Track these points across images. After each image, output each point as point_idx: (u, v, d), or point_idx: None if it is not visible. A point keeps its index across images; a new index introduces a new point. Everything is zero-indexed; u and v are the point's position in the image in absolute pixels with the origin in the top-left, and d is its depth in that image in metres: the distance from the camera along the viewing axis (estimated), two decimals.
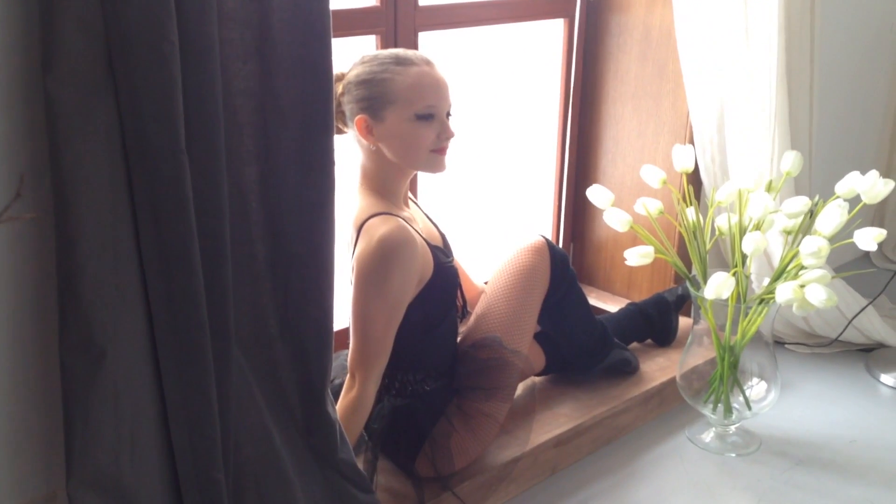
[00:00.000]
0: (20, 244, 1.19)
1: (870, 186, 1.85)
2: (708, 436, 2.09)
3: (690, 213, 2.04)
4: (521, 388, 2.04)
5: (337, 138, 1.47)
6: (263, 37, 1.29)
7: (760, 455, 2.03)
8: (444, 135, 1.63)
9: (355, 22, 2.00)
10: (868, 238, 1.79)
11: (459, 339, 1.83)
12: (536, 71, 2.53)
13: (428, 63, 1.63)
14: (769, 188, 2.01)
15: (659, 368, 2.20)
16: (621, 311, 2.28)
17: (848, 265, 3.01)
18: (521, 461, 1.80)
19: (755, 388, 2.04)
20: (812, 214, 1.93)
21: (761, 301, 1.91)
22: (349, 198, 1.68)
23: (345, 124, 1.66)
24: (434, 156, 1.64)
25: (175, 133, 1.15)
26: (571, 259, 2.70)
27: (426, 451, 1.67)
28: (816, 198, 1.93)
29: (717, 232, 2.05)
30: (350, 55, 1.74)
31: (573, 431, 1.93)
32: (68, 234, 1.14)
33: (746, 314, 1.94)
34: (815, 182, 2.47)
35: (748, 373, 2.05)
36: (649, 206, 2.06)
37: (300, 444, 1.46)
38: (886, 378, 2.36)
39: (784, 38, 2.14)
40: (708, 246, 2.05)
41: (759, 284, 2.06)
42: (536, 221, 2.69)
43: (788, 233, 1.96)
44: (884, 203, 3.16)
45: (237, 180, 1.33)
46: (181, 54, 1.15)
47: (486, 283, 1.92)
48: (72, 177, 1.13)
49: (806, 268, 1.81)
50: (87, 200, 1.14)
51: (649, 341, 2.32)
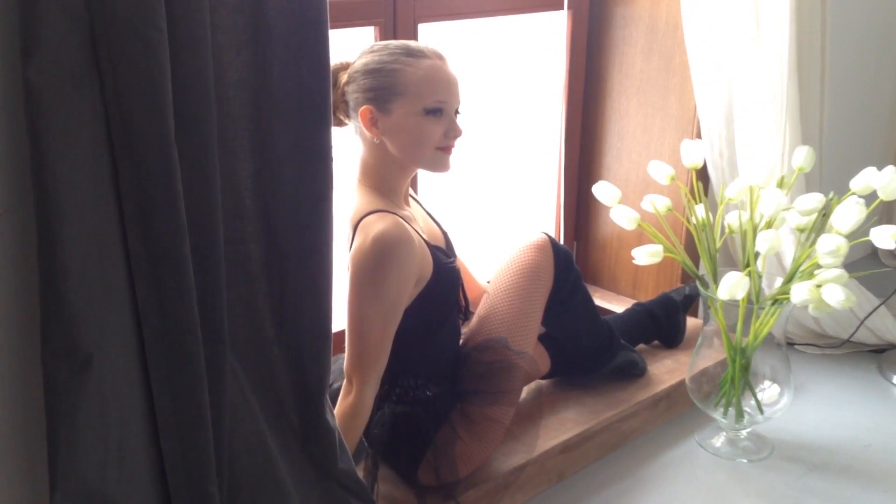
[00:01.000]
0: None
1: (887, 182, 1.79)
2: (718, 440, 2.03)
3: (700, 211, 1.98)
4: (526, 392, 1.98)
5: (335, 131, 1.41)
6: (258, 24, 1.22)
7: (773, 460, 1.96)
8: (452, 132, 1.56)
9: (353, 12, 1.93)
10: (886, 235, 1.73)
11: (462, 341, 1.77)
12: (539, 64, 2.47)
13: (440, 58, 1.57)
14: (780, 184, 1.95)
15: (667, 371, 2.13)
16: (627, 312, 2.22)
17: (855, 264, 2.94)
18: (528, 468, 1.74)
19: (767, 392, 1.98)
20: (825, 212, 1.86)
21: (775, 302, 1.85)
22: (347, 194, 1.61)
23: (346, 115, 1.60)
24: (439, 154, 1.57)
25: (164, 125, 1.08)
26: (574, 257, 2.63)
27: (429, 459, 1.60)
28: (831, 194, 1.86)
29: (727, 230, 1.99)
30: (347, 47, 1.67)
31: (580, 437, 1.86)
32: (50, 233, 1.06)
33: (759, 315, 1.87)
34: (824, 178, 2.41)
35: (760, 375, 1.98)
36: (657, 204, 2.00)
37: (298, 453, 1.39)
38: None
39: (795, 30, 2.08)
40: (718, 244, 1.99)
41: (770, 284, 2.00)
42: (538, 218, 2.62)
43: (801, 230, 1.90)
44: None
45: (230, 175, 1.26)
46: (170, 42, 1.08)
47: (489, 283, 1.86)
48: (53, 172, 1.05)
49: (822, 267, 1.75)
50: (71, 197, 1.07)
51: (656, 342, 2.26)
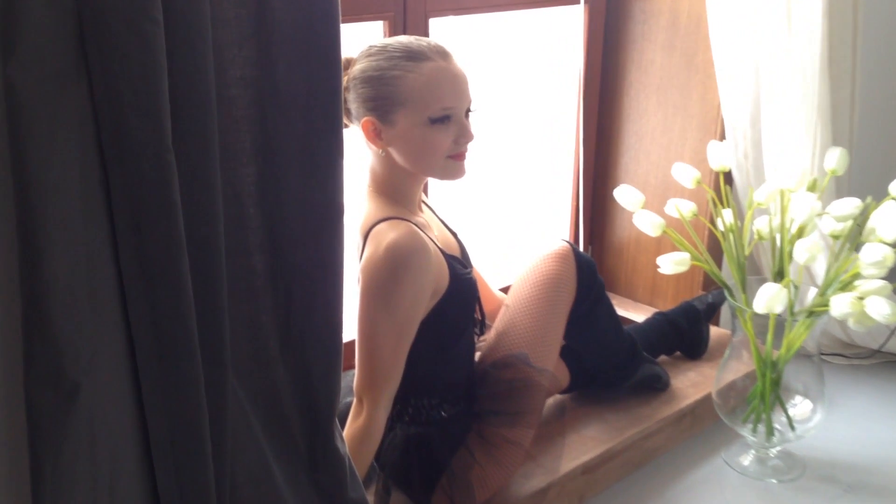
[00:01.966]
0: None
1: None
2: (746, 459, 1.92)
3: (727, 216, 1.88)
4: (546, 408, 1.87)
5: (346, 132, 1.30)
6: (262, 17, 1.11)
7: (805, 481, 1.86)
8: (463, 138, 1.45)
9: (361, 6, 1.83)
10: None
11: (478, 357, 1.66)
12: (553, 61, 2.37)
13: (444, 55, 1.45)
14: (812, 188, 1.85)
15: (691, 384, 2.03)
16: (648, 322, 2.11)
17: None
18: (549, 492, 1.63)
19: (799, 408, 1.87)
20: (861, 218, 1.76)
21: (810, 314, 1.74)
22: (358, 200, 1.51)
23: (349, 120, 1.49)
24: (451, 162, 1.46)
25: (160, 128, 0.97)
26: None
27: (444, 485, 1.50)
28: (868, 199, 1.76)
29: (756, 236, 1.88)
30: (355, 43, 1.56)
31: (603, 456, 1.76)
32: (34, 248, 0.96)
33: (792, 327, 1.77)
34: (853, 181, 2.30)
35: (791, 390, 1.88)
36: (682, 208, 1.89)
37: (305, 482, 1.29)
38: None
39: (827, 24, 1.97)
40: (747, 251, 1.88)
41: (795, 295, 1.89)
42: (551, 222, 2.52)
43: (836, 237, 1.79)
44: None
45: (233, 182, 1.15)
46: (167, 36, 0.97)
47: (507, 294, 1.75)
48: (37, 179, 0.94)
49: (861, 277, 1.64)
50: (57, 207, 0.96)
51: (678, 353, 2.15)
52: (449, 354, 1.54)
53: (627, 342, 1.88)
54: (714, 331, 2.24)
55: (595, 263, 1.76)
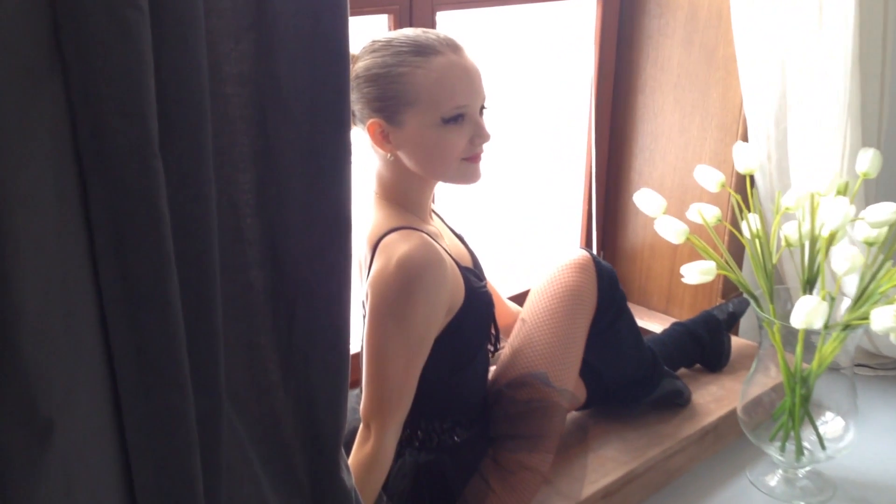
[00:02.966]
0: None
1: None
2: (773, 479, 1.81)
3: (754, 221, 1.76)
4: None
5: (353, 133, 1.19)
6: (262, 6, 1.00)
7: (836, 503, 1.75)
8: (479, 138, 1.34)
9: None
10: None
11: (492, 377, 1.54)
12: (565, 56, 2.25)
13: (455, 49, 1.33)
14: (843, 191, 1.74)
15: (713, 399, 1.91)
16: (667, 333, 2.00)
17: None
18: None
19: (830, 425, 1.76)
20: None
21: (846, 327, 1.63)
22: (364, 208, 1.39)
23: (353, 122, 1.37)
24: (466, 165, 1.35)
25: (145, 130, 0.85)
26: None
27: None
28: None
29: (784, 242, 1.77)
30: (357, 38, 1.43)
31: (624, 479, 1.64)
32: (1, 267, 0.84)
33: (826, 340, 1.65)
34: (880, 185, 2.19)
35: (821, 406, 1.77)
36: (706, 214, 1.78)
37: None
38: None
39: (858, 16, 1.86)
40: (775, 259, 1.77)
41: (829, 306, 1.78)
42: (562, 226, 2.41)
43: (870, 244, 1.68)
44: None
45: (228, 190, 1.04)
46: (153, 25, 0.86)
47: (522, 306, 1.63)
48: (6, 190, 0.83)
49: None
50: (27, 221, 0.84)
51: (698, 366, 2.04)
52: (463, 375, 1.42)
53: (648, 356, 1.77)
54: (736, 341, 2.13)
55: (616, 274, 1.64)
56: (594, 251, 2.35)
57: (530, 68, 2.21)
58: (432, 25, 1.83)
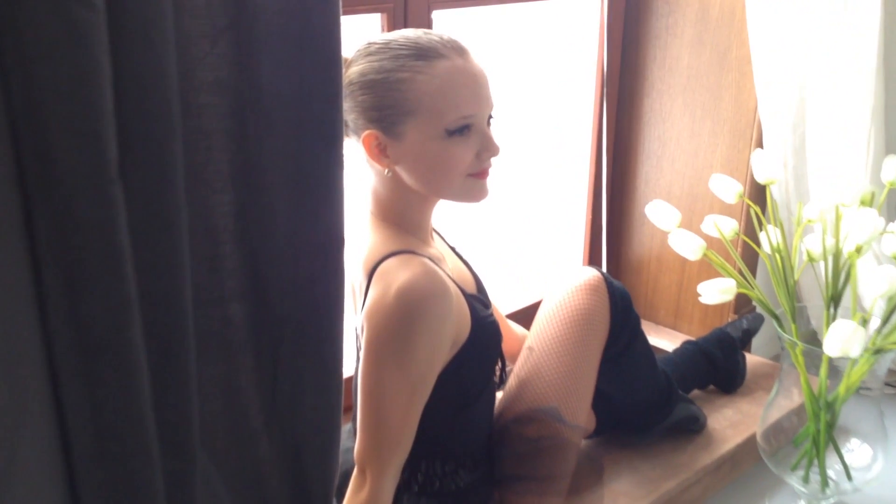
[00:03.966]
0: None
1: None
2: None
3: (775, 235, 1.64)
4: None
5: (346, 145, 1.06)
6: (241, 3, 0.87)
7: None
8: (487, 152, 1.21)
9: None
10: None
11: (497, 410, 1.41)
12: (567, 58, 2.13)
13: (460, 52, 1.20)
14: (868, 202, 1.62)
15: (729, 424, 1.79)
16: (679, 353, 1.87)
17: None
18: None
19: (856, 453, 1.64)
20: None
21: (877, 350, 1.51)
22: (359, 229, 1.26)
23: (345, 133, 1.24)
24: (472, 182, 1.22)
25: (100, 151, 0.72)
26: None
27: None
28: None
29: (807, 257, 1.65)
30: (348, 40, 1.30)
31: None
32: None
33: (854, 363, 1.53)
34: None
35: (847, 432, 1.65)
36: (723, 227, 1.65)
37: None
38: None
39: (884, 14, 1.74)
40: (797, 275, 1.65)
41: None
42: (564, 236, 2.28)
43: None
44: None
45: (203, 214, 0.91)
46: (110, 26, 0.73)
47: (528, 327, 1.50)
48: None
49: None
50: None
51: (711, 387, 1.92)
52: (468, 413, 1.29)
53: (663, 381, 1.64)
54: (748, 359, 2.00)
55: (629, 295, 1.51)
56: (603, 266, 2.23)
57: (531, 70, 2.08)
58: (428, 24, 1.70)
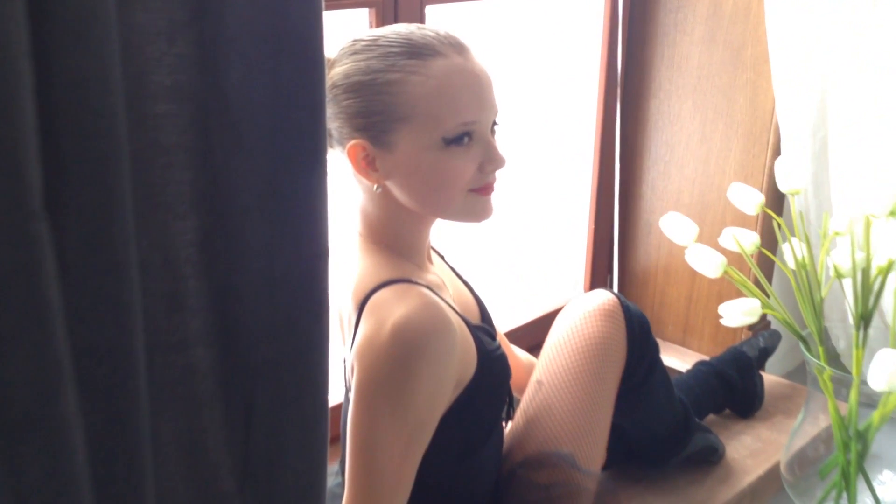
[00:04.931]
0: None
1: None
2: None
3: (800, 248, 1.51)
4: None
5: (330, 156, 0.92)
6: None
7: None
8: (491, 164, 1.06)
9: None
10: None
11: (503, 451, 1.27)
12: (569, 56, 2.00)
13: (459, 49, 1.05)
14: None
15: (749, 454, 1.66)
16: (692, 375, 1.73)
17: None
18: None
19: (889, 486, 1.51)
20: None
21: None
22: (346, 253, 1.11)
23: (329, 144, 1.10)
24: (474, 198, 1.08)
25: (19, 180, 0.57)
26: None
27: None
28: None
29: (833, 273, 1.52)
30: (332, 38, 1.15)
31: None
32: None
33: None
34: None
35: (879, 461, 1.52)
36: (743, 240, 1.52)
37: None
38: None
39: None
40: (824, 292, 1.51)
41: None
42: (564, 246, 2.15)
43: None
44: None
45: (161, 244, 0.76)
46: (32, 22, 0.58)
47: (540, 358, 1.36)
48: None
49: None
50: None
51: (727, 411, 1.78)
52: (473, 459, 1.15)
53: (680, 411, 1.50)
54: (768, 379, 1.87)
55: (647, 321, 1.37)
56: (615, 283, 2.09)
57: (529, 69, 1.95)
58: (420, 21, 1.56)
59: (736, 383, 1.73)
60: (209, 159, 0.77)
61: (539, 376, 1.30)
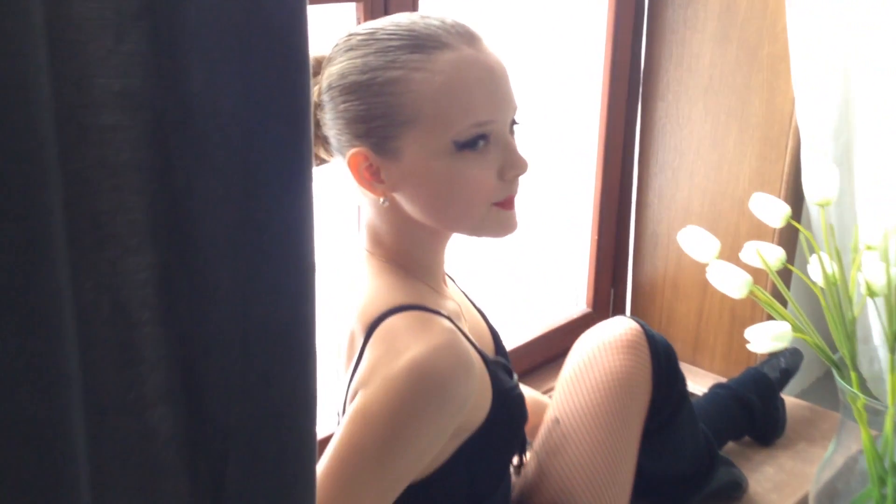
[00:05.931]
0: None
1: None
2: None
3: (829, 264, 1.38)
4: None
5: (319, 173, 0.78)
6: None
7: None
8: (512, 169, 0.93)
9: None
10: None
11: (513, 497, 1.13)
12: (572, 55, 1.89)
13: (469, 40, 0.92)
14: None
15: (773, 487, 1.53)
16: (709, 399, 1.60)
17: None
18: None
19: None
20: None
21: None
22: (352, 269, 0.98)
23: (328, 153, 0.96)
24: (497, 212, 0.94)
25: None
26: (611, 306, 2.03)
27: None
28: None
29: (866, 290, 1.39)
30: (321, 34, 1.02)
31: None
32: None
33: None
34: None
35: None
36: (767, 256, 1.39)
37: None
38: None
39: None
40: (856, 312, 1.39)
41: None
42: (566, 258, 2.03)
43: None
44: None
45: (110, 285, 0.63)
46: None
47: (555, 394, 1.22)
48: None
49: None
50: None
51: (746, 438, 1.65)
52: None
53: (703, 446, 1.37)
54: (789, 401, 1.74)
55: (675, 352, 1.23)
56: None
57: (529, 67, 1.85)
58: None
59: (757, 408, 1.60)
60: (168, 181, 0.63)
61: (556, 414, 1.16)
